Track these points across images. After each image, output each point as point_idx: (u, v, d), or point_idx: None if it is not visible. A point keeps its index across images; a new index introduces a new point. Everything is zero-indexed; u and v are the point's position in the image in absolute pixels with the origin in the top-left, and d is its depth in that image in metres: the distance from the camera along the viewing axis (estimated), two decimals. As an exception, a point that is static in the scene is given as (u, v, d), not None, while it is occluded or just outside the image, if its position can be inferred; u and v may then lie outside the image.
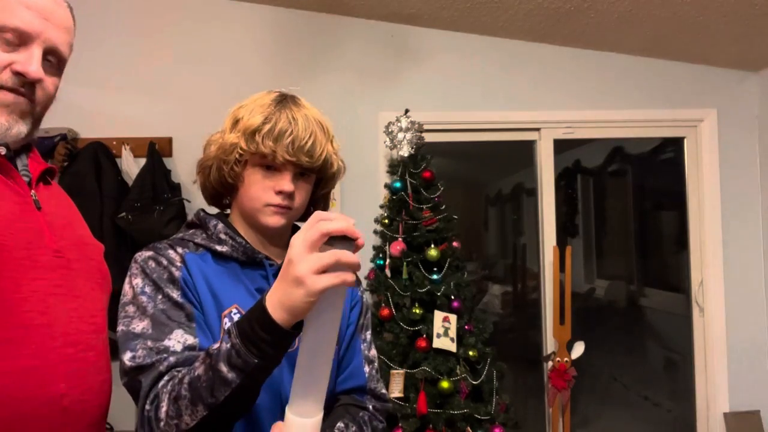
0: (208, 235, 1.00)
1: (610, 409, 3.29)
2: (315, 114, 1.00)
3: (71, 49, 0.91)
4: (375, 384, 1.10)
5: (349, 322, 1.10)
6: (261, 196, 0.96)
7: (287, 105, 0.97)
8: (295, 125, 0.94)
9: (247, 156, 0.96)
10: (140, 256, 0.96)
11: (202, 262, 0.96)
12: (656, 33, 2.65)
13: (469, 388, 2.26)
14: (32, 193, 0.87)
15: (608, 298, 3.48)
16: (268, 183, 0.96)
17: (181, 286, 0.91)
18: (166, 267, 0.93)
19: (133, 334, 0.87)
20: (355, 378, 1.06)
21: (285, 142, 0.93)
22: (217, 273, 0.96)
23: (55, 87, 0.89)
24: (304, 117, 0.96)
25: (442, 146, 2.84)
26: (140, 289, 0.91)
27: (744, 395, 2.87)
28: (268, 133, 0.93)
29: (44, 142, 2.46)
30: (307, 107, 1.00)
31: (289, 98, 1.00)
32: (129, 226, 2.38)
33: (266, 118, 0.95)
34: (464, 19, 2.68)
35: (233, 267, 0.98)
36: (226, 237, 0.99)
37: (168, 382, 0.81)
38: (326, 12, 2.76)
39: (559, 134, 2.94)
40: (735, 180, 2.92)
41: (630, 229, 3.50)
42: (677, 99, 2.93)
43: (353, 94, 2.77)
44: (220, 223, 1.01)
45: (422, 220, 2.37)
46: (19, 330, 0.77)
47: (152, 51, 2.68)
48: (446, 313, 2.30)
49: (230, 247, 0.98)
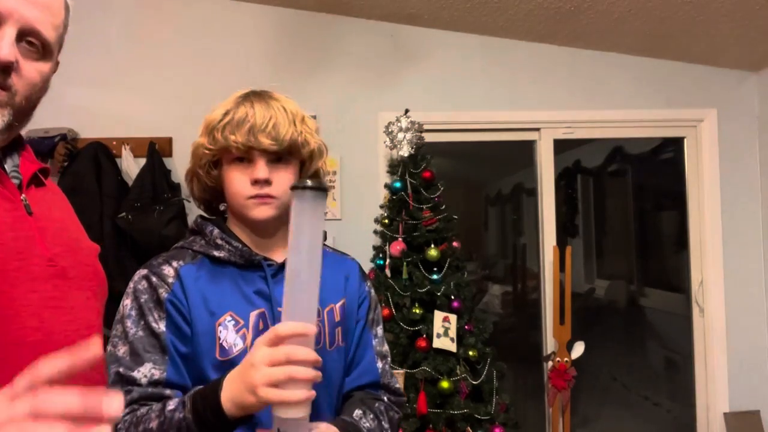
0: (206, 241, 1.01)
1: (610, 409, 3.29)
2: (281, 101, 1.00)
3: (61, 31, 0.81)
4: (389, 379, 1.10)
5: (358, 317, 1.10)
6: (240, 191, 0.96)
7: (249, 98, 0.99)
8: (252, 113, 0.95)
9: (217, 154, 0.98)
10: (137, 274, 0.98)
11: (199, 272, 0.97)
12: (656, 33, 2.65)
13: (469, 388, 2.26)
14: (23, 197, 0.80)
15: (608, 298, 3.48)
16: (244, 176, 0.96)
17: (166, 309, 0.94)
18: (155, 288, 0.95)
19: (115, 357, 0.92)
20: (368, 374, 1.07)
21: (243, 129, 0.94)
22: (214, 280, 0.97)
23: (41, 74, 0.79)
24: (264, 105, 0.97)
25: (442, 146, 2.84)
26: (128, 311, 0.95)
27: (744, 395, 2.87)
28: (226, 125, 0.95)
29: (44, 142, 2.46)
30: (274, 97, 1.00)
31: (255, 92, 1.01)
32: (129, 226, 2.38)
33: (225, 112, 0.97)
34: (464, 19, 2.68)
35: (232, 272, 0.98)
36: (223, 242, 0.99)
37: (126, 416, 0.87)
38: (326, 12, 2.76)
39: (559, 134, 2.94)
40: (735, 180, 2.92)
41: (630, 229, 3.50)
42: (677, 99, 2.93)
43: (353, 94, 2.77)
44: (216, 228, 1.01)
45: (422, 220, 2.37)
46: (10, 348, 0.72)
47: (152, 51, 2.68)
48: (446, 313, 2.30)
49: (227, 252, 0.99)
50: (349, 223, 2.73)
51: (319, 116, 2.74)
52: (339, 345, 1.04)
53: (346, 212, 2.74)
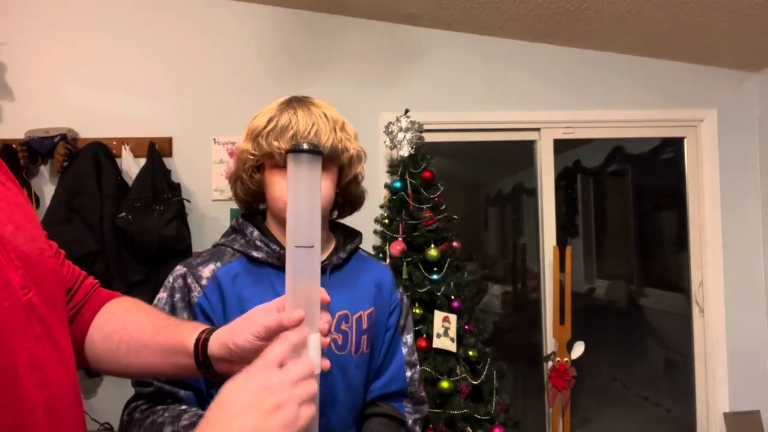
0: (246, 241, 1.03)
1: (610, 409, 3.29)
2: (322, 107, 1.02)
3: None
4: (416, 388, 1.12)
5: (388, 326, 1.11)
6: (281, 196, 0.99)
7: (291, 104, 1.00)
8: (296, 120, 0.97)
9: (260, 159, 1.00)
10: (177, 271, 1.02)
11: (237, 271, 1.01)
12: (656, 33, 2.64)
13: (469, 388, 2.26)
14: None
15: (608, 298, 3.48)
16: (285, 181, 0.96)
17: (194, 312, 0.98)
18: (190, 290, 0.98)
19: None
20: (396, 382, 1.09)
21: (287, 136, 0.96)
22: (251, 279, 1.00)
23: None
24: (306, 112, 0.98)
25: (442, 146, 2.84)
26: (162, 305, 0.99)
27: (744, 395, 2.87)
28: (270, 131, 0.97)
29: (44, 142, 2.46)
30: (315, 103, 1.02)
31: (297, 99, 1.03)
32: (129, 226, 2.38)
33: (270, 119, 0.98)
34: (464, 19, 2.68)
35: (268, 272, 1.01)
36: (262, 244, 1.02)
37: (137, 411, 0.93)
38: (326, 12, 2.76)
39: (559, 134, 2.94)
40: (735, 180, 2.92)
41: (630, 229, 3.50)
42: (677, 99, 2.93)
43: (353, 94, 2.77)
44: (256, 230, 1.04)
45: (422, 220, 2.36)
46: (26, 416, 0.59)
47: (153, 51, 2.68)
48: (446, 313, 2.30)
49: (265, 253, 1.01)
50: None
51: (319, 116, 2.74)
52: (363, 352, 1.05)
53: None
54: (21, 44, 2.59)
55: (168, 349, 0.79)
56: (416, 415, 1.11)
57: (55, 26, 2.62)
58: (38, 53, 2.60)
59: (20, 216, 0.68)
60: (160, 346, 0.80)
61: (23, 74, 2.58)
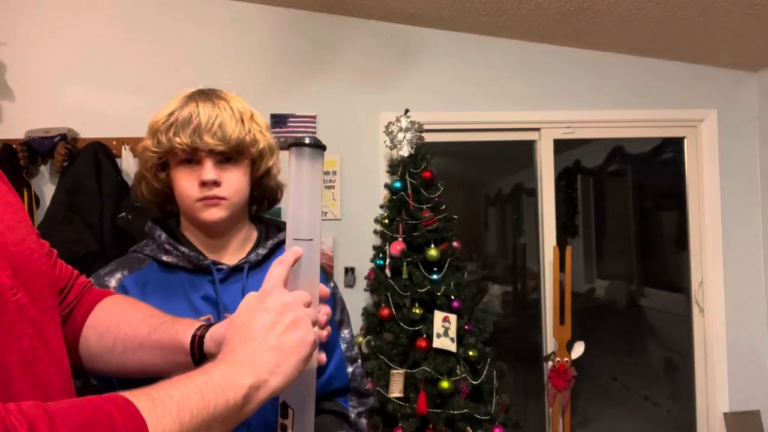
0: (157, 245, 0.98)
1: (610, 409, 3.29)
2: (228, 99, 0.97)
3: None
4: (359, 382, 1.08)
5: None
6: (189, 193, 0.93)
7: (194, 97, 0.95)
8: (197, 113, 0.91)
9: (163, 156, 0.95)
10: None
11: (147, 278, 0.95)
12: (656, 33, 2.65)
13: (469, 388, 2.26)
14: None
15: (608, 298, 3.48)
16: (192, 178, 0.93)
17: None
18: None
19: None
20: (337, 380, 1.04)
21: (188, 130, 0.90)
22: (162, 287, 0.95)
23: None
24: (209, 104, 0.93)
25: (442, 146, 2.84)
26: None
27: (744, 395, 2.87)
28: (170, 126, 0.91)
29: (44, 142, 2.46)
30: (221, 96, 0.97)
31: (201, 92, 0.97)
32: (129, 226, 2.38)
33: (170, 113, 0.93)
34: (464, 19, 2.68)
35: (181, 277, 0.96)
36: (170, 247, 0.96)
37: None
38: (326, 12, 2.76)
39: (559, 134, 2.94)
40: (735, 180, 2.92)
41: (630, 229, 3.50)
42: (677, 99, 2.93)
43: (353, 94, 2.77)
44: (164, 233, 0.98)
45: (422, 220, 2.36)
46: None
47: (153, 51, 2.68)
48: (446, 313, 2.30)
49: (175, 257, 0.96)
50: (349, 222, 2.73)
51: (319, 116, 2.74)
52: None
53: (346, 212, 2.74)
54: (21, 44, 2.59)
55: (164, 347, 0.78)
56: (361, 408, 1.07)
57: (55, 26, 2.62)
58: (38, 53, 2.60)
59: (9, 215, 0.66)
60: (157, 345, 0.79)
61: (23, 74, 2.58)
